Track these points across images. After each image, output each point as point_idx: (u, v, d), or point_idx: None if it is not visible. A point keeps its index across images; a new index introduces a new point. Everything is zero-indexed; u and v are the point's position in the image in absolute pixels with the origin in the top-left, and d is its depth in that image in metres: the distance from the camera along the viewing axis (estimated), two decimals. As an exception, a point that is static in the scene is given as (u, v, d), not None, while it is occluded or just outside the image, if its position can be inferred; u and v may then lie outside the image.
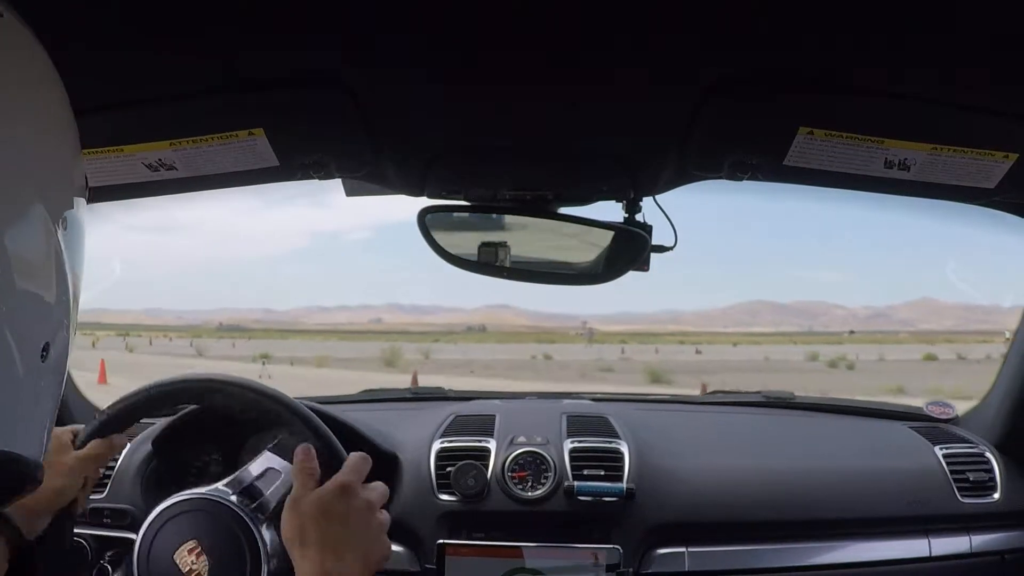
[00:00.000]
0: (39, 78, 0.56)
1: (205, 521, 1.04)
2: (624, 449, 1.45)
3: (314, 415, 1.17)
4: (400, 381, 10.32)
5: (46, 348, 0.56)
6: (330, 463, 1.11)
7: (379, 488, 0.94)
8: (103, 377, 12.83)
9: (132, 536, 1.08)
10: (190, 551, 1.02)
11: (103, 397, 1.52)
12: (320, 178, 1.12)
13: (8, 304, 0.51)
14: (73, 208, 0.59)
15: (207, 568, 1.01)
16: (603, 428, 1.53)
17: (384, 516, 0.93)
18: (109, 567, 1.15)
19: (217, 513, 1.04)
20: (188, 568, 1.01)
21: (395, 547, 1.39)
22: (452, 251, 1.21)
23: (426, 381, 8.96)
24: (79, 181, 0.62)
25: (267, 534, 1.05)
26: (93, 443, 1.08)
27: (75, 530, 1.04)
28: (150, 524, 1.04)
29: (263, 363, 20.95)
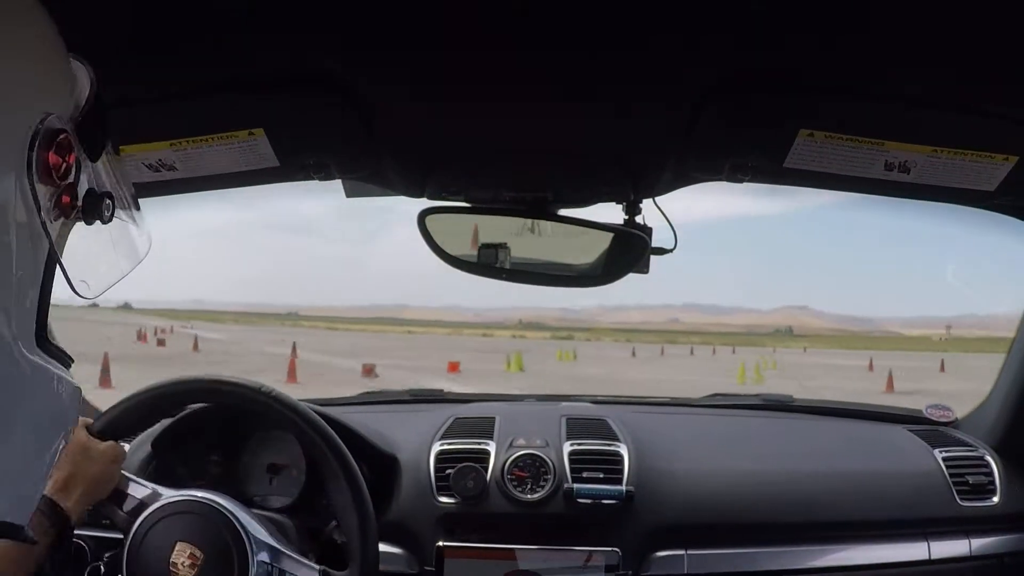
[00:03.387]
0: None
1: (197, 524, 1.04)
2: (623, 451, 1.45)
3: (323, 421, 1.17)
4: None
5: None
6: (336, 469, 1.11)
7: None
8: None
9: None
10: (177, 555, 1.02)
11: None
12: (321, 178, 1.13)
13: None
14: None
15: (200, 560, 1.02)
16: (602, 431, 1.53)
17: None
18: (102, 567, 1.14)
19: (208, 516, 1.04)
20: (186, 571, 1.01)
21: (394, 549, 1.39)
22: (452, 252, 1.21)
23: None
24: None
25: (257, 536, 1.06)
26: (111, 444, 1.10)
27: (75, 531, 1.04)
28: (141, 523, 1.04)
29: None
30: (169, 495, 1.08)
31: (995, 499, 1.47)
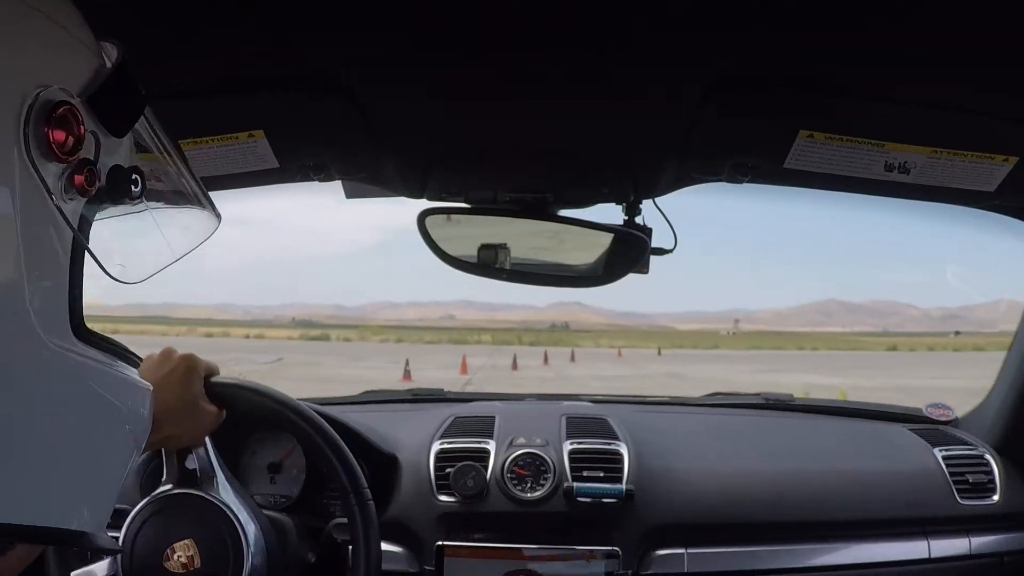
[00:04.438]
0: None
1: (190, 517, 1.05)
2: (623, 450, 1.45)
3: (323, 421, 1.15)
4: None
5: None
6: (337, 469, 1.10)
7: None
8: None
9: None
10: (180, 548, 1.02)
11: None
12: (320, 180, 1.13)
13: None
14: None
15: (197, 564, 1.02)
16: (602, 429, 1.53)
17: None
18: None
19: (202, 508, 1.05)
20: (177, 566, 1.02)
21: (394, 548, 1.39)
22: (452, 253, 1.21)
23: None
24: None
25: (251, 529, 1.06)
26: (217, 410, 1.04)
27: None
28: (133, 518, 1.05)
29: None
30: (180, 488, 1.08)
31: (995, 498, 1.48)
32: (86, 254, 0.55)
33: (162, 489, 1.08)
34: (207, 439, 1.10)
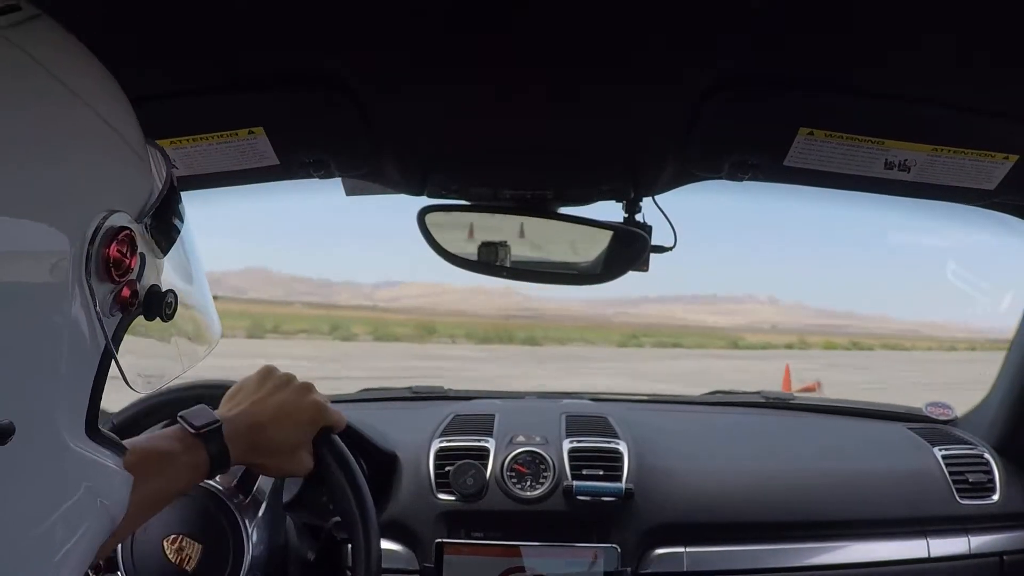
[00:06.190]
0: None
1: (189, 508, 1.04)
2: (623, 449, 1.45)
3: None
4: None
5: (6, 430, 0.47)
6: (336, 469, 1.09)
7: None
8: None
9: None
10: (179, 539, 1.02)
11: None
12: (320, 177, 1.13)
13: None
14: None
15: (197, 556, 1.01)
16: (602, 428, 1.53)
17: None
18: (101, 563, 1.15)
19: (200, 499, 1.04)
20: (177, 557, 1.01)
21: (394, 546, 1.39)
22: (452, 251, 1.21)
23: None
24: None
25: (251, 521, 1.06)
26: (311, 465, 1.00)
27: None
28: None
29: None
30: None
31: (995, 497, 1.48)
32: (111, 362, 0.58)
33: (204, 482, 1.06)
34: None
